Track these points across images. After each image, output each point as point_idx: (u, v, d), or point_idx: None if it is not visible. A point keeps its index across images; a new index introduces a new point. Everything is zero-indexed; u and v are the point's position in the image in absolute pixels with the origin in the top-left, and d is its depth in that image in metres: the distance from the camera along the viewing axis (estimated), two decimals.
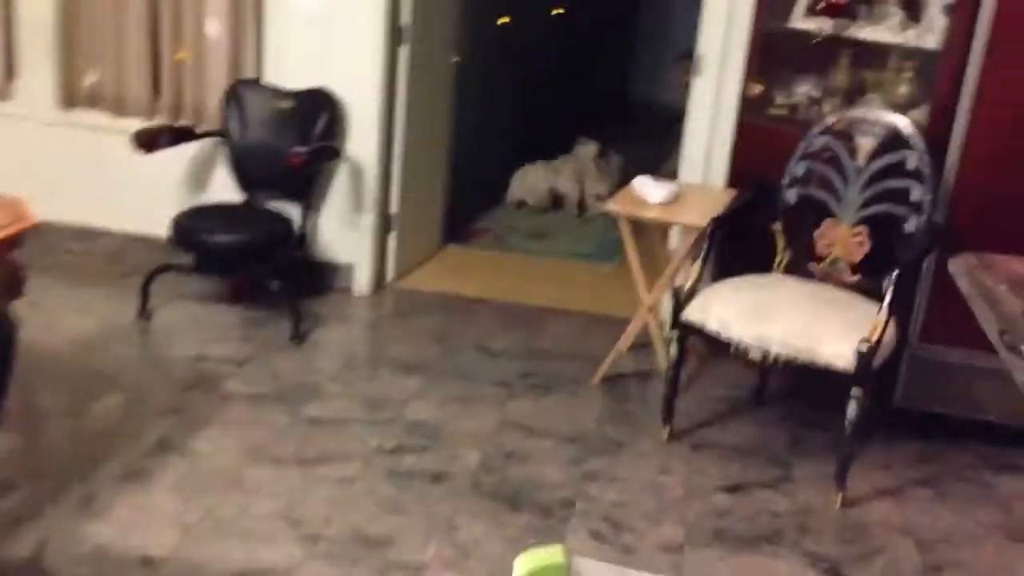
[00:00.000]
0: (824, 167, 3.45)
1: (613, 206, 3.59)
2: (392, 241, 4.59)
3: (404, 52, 4.35)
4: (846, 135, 3.41)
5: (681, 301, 3.26)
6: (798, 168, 3.48)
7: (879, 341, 2.94)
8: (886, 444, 3.46)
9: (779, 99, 3.88)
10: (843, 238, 3.41)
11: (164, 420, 3.33)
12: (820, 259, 3.48)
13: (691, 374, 3.86)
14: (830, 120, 3.44)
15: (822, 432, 3.51)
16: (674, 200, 3.62)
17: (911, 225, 3.27)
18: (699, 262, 3.31)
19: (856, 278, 3.40)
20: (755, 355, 3.10)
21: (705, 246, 3.34)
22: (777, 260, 3.55)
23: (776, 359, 3.06)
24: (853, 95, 3.72)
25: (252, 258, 4.04)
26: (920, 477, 3.29)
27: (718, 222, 3.36)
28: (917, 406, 3.53)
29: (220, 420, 3.35)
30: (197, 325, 4.06)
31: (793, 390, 3.79)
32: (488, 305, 4.48)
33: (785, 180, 3.51)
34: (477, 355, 3.98)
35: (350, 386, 3.66)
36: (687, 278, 3.30)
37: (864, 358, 2.93)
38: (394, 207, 4.54)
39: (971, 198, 3.32)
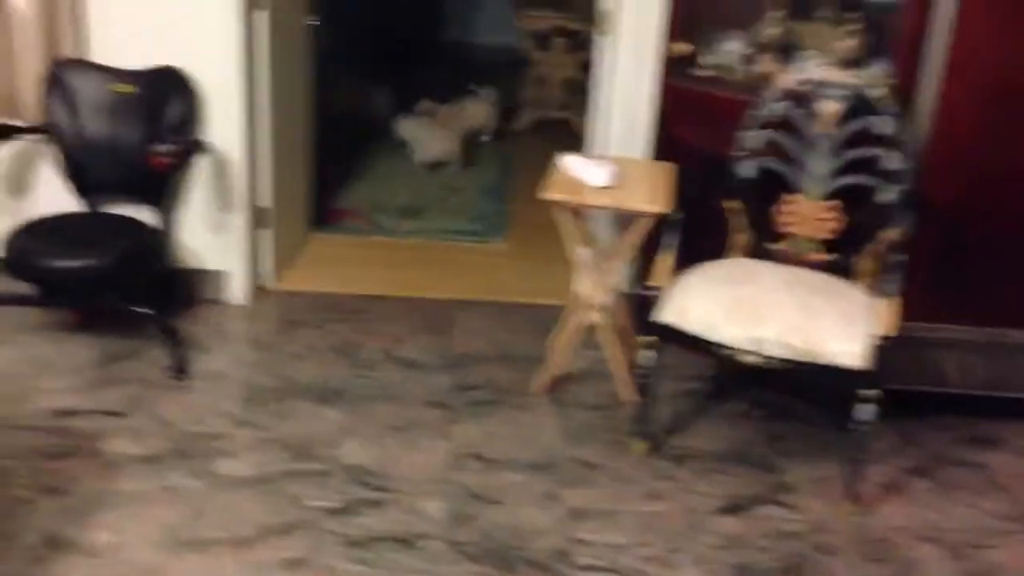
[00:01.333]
0: (783, 137, 3.13)
1: (551, 194, 3.13)
2: (266, 239, 3.95)
3: (262, 18, 3.67)
4: (805, 99, 3.09)
5: (653, 302, 2.88)
6: (754, 139, 3.15)
7: (891, 334, 2.67)
8: None
9: (706, 58, 3.53)
10: (810, 214, 3.12)
11: (42, 507, 2.65)
12: (782, 238, 3.18)
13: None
14: (786, 83, 3.11)
15: (796, 424, 3.26)
16: (618, 181, 3.21)
17: (886, 196, 3.01)
18: (667, 256, 2.93)
19: (826, 257, 3.12)
20: (748, 359, 2.77)
21: (671, 236, 2.96)
22: (735, 242, 3.23)
23: (772, 362, 2.74)
24: (789, 52, 3.41)
25: (110, 283, 3.31)
26: (911, 466, 3.09)
27: (684, 207, 3.00)
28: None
29: (114, 497, 2.71)
30: (50, 369, 3.31)
31: (745, 376, 3.52)
32: (384, 304, 3.94)
33: (738, 152, 3.17)
34: (394, 369, 3.46)
35: (262, 429, 3.07)
36: (651, 273, 2.92)
37: (878, 354, 2.66)
38: (266, 199, 3.89)
39: (945, 167, 3.09)
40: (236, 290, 3.83)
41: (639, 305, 2.93)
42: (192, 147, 3.48)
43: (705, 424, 3.25)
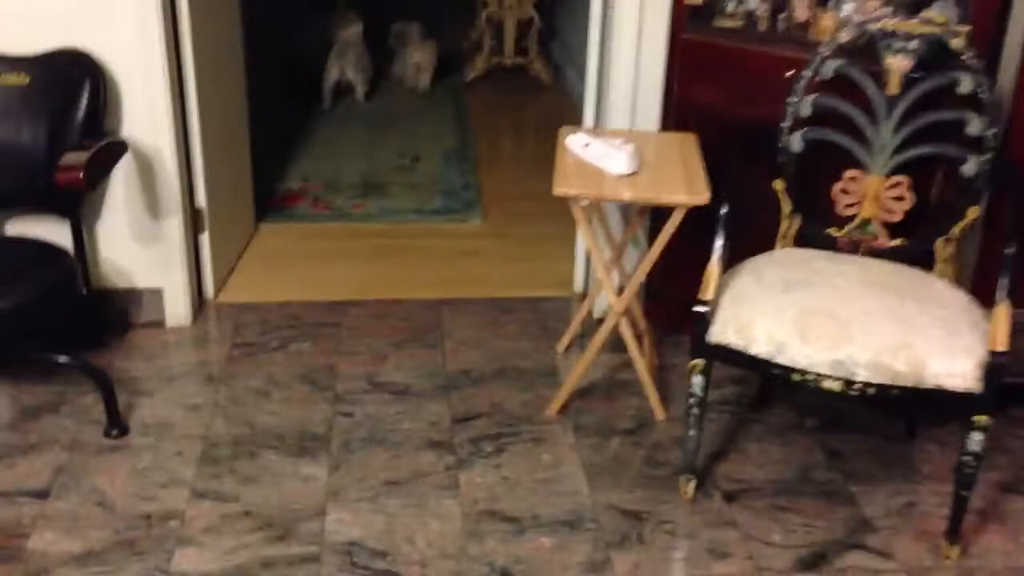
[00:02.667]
0: (840, 101, 2.58)
1: (569, 190, 2.55)
2: (205, 244, 3.31)
3: None
4: (867, 54, 2.55)
5: (707, 318, 2.35)
6: (803, 105, 2.60)
7: (1006, 348, 2.18)
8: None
9: (729, 5, 2.95)
10: (874, 192, 2.59)
11: None
12: (840, 222, 2.66)
13: (651, 369, 3.00)
14: (843, 36, 2.56)
15: (855, 435, 2.78)
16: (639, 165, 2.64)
17: (968, 168, 2.50)
18: (717, 263, 2.38)
19: (895, 242, 2.61)
20: (830, 385, 2.25)
21: (718, 234, 2.41)
22: (783, 229, 2.70)
23: (863, 387, 2.23)
24: None
25: (16, 328, 2.65)
26: (1007, 480, 2.63)
27: (726, 196, 2.45)
28: None
29: None
30: None
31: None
32: (354, 311, 3.34)
33: (785, 122, 2.62)
34: (381, 400, 2.88)
35: (226, 500, 2.48)
36: (707, 283, 2.37)
37: (994, 373, 2.16)
38: (202, 197, 3.24)
39: None
40: (175, 310, 3.19)
41: (663, 305, 2.39)
42: (112, 150, 2.80)
43: (754, 444, 2.75)
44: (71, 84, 2.81)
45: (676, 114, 3.02)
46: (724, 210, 2.43)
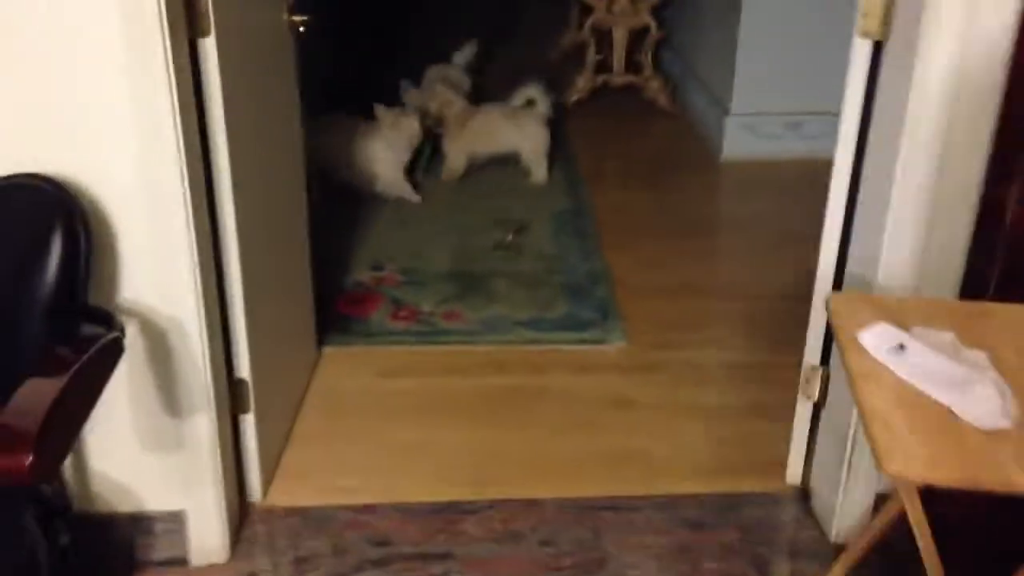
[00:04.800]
0: None
1: (911, 469, 1.41)
2: (250, 428, 2.21)
3: (211, 46, 1.86)
4: None
5: None
6: None
7: None
8: None
9: None
10: None
11: None
12: None
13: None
14: None
15: None
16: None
17: None
18: None
19: None
20: None
21: None
22: None
23: None
24: None
25: None
26: None
27: None
28: None
29: None
30: None
31: None
32: (467, 525, 2.24)
33: None
34: None
35: None
36: None
37: None
38: (245, 366, 2.15)
39: None
40: (205, 540, 2.10)
41: None
42: (105, 351, 1.68)
43: None
44: (30, 234, 1.70)
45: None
46: None
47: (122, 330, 1.70)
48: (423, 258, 3.37)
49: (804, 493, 2.33)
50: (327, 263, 3.11)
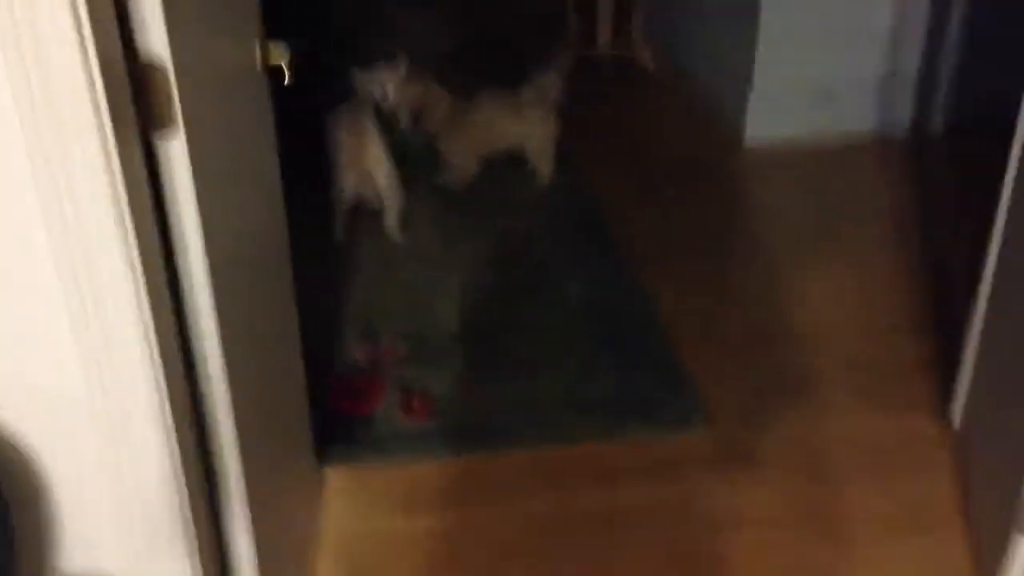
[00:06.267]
0: None
1: None
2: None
3: (175, 149, 1.13)
4: None
5: None
6: None
7: None
8: None
9: None
10: None
11: None
12: None
13: None
14: None
15: None
16: None
17: None
18: None
19: None
20: None
21: None
22: None
23: None
24: None
25: None
26: None
27: None
28: None
29: None
30: None
31: None
32: None
33: None
34: None
35: None
36: None
37: None
38: (238, 534, 1.45)
39: None
40: None
41: None
42: None
43: None
44: None
45: None
46: None
47: None
48: (422, 313, 2.67)
49: None
50: (307, 332, 2.37)
